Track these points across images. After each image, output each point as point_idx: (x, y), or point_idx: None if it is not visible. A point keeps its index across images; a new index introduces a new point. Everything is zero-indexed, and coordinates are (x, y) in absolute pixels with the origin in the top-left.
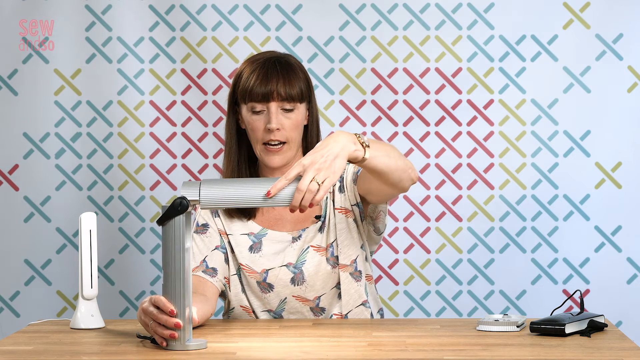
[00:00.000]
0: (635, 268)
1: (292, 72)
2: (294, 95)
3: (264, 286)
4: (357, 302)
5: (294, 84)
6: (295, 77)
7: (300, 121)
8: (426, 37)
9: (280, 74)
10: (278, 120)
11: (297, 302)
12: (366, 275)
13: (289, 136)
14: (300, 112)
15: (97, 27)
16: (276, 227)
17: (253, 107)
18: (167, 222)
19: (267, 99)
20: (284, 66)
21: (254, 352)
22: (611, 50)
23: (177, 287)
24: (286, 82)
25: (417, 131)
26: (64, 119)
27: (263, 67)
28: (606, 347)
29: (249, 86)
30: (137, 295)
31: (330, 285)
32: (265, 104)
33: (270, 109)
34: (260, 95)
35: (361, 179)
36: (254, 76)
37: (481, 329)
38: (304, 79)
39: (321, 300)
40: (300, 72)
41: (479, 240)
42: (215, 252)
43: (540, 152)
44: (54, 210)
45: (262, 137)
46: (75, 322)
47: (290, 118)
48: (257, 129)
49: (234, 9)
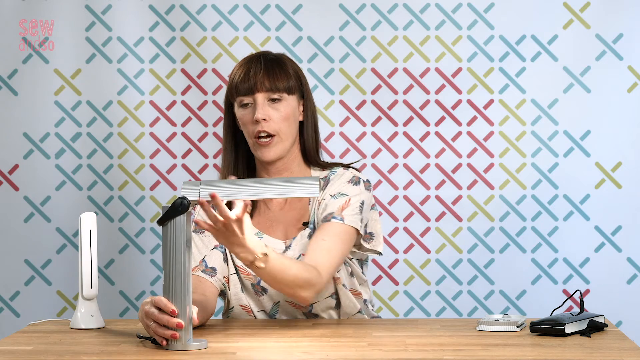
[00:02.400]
0: (635, 268)
1: (278, 66)
2: (279, 86)
3: (257, 289)
4: (353, 311)
5: (280, 76)
6: (282, 70)
7: (290, 113)
8: (426, 37)
9: (264, 67)
10: (264, 111)
11: (290, 306)
12: (351, 289)
13: (278, 128)
14: (290, 105)
15: (97, 27)
16: (270, 231)
17: (241, 102)
18: (167, 222)
19: (252, 91)
20: (270, 61)
21: (254, 352)
22: (611, 50)
23: (178, 287)
24: (270, 73)
25: (417, 131)
26: (64, 119)
27: (248, 63)
28: (606, 347)
29: (235, 83)
30: (137, 295)
31: (324, 294)
32: (252, 97)
33: (256, 101)
34: (245, 88)
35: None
36: (240, 72)
37: (481, 329)
38: (293, 73)
39: (314, 307)
40: (291, 67)
41: (479, 240)
42: (214, 252)
43: (540, 152)
44: (54, 210)
45: (252, 130)
46: (75, 322)
47: (278, 109)
48: (247, 122)
49: (234, 9)
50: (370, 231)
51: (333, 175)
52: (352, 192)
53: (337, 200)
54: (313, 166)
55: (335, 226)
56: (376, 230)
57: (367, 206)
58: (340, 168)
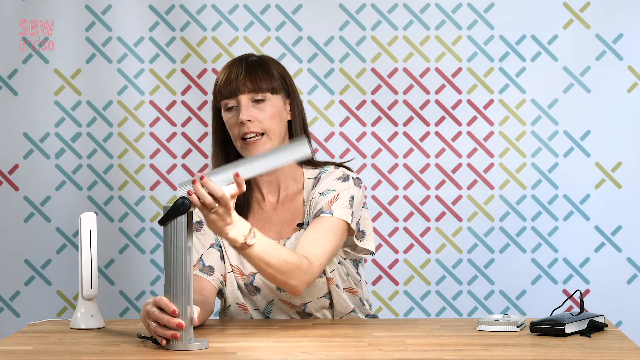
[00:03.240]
0: (635, 268)
1: (260, 67)
2: (262, 87)
3: (250, 289)
4: (347, 310)
5: (262, 77)
6: (264, 70)
7: (276, 113)
8: (426, 37)
9: (245, 69)
10: (249, 112)
11: (283, 305)
12: (346, 288)
13: (267, 127)
14: (275, 104)
15: (97, 27)
16: (264, 232)
17: (226, 105)
18: (168, 222)
19: (234, 93)
20: (251, 63)
21: (254, 352)
22: (611, 50)
23: (179, 288)
24: (252, 74)
25: (417, 131)
26: (64, 119)
27: (230, 66)
28: (606, 347)
29: (218, 87)
30: (137, 295)
31: (317, 295)
32: (235, 99)
33: (240, 102)
34: (228, 91)
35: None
36: (222, 76)
37: (481, 329)
38: (277, 74)
39: (307, 307)
40: (275, 69)
41: (479, 240)
42: (211, 250)
43: (540, 152)
44: (54, 210)
45: (238, 132)
46: (75, 322)
47: (263, 109)
48: (233, 125)
49: (234, 9)
50: (362, 229)
51: (324, 174)
52: (340, 188)
53: (326, 197)
54: (305, 165)
55: (325, 220)
56: (367, 229)
57: (358, 202)
58: (331, 167)
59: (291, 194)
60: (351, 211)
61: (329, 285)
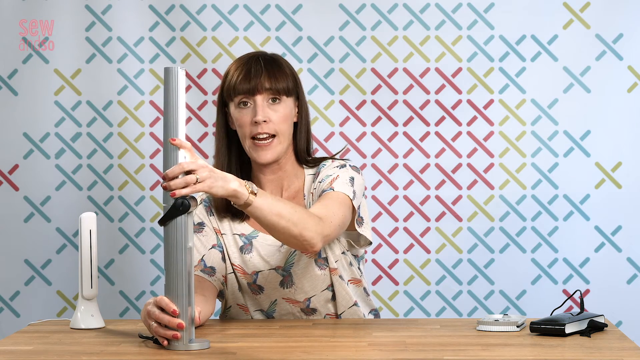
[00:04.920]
0: (635, 268)
1: (277, 67)
2: (279, 88)
3: (254, 288)
4: (349, 304)
5: (279, 78)
6: (281, 71)
7: (288, 115)
8: (426, 37)
9: (264, 68)
10: (265, 112)
11: (287, 303)
12: (350, 279)
13: (278, 129)
14: (288, 106)
15: (97, 27)
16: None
17: (239, 101)
18: (168, 222)
19: (252, 92)
20: (269, 62)
21: (254, 352)
22: (611, 50)
23: (180, 288)
24: (271, 75)
25: (417, 131)
26: (64, 119)
27: (247, 63)
28: (606, 347)
29: (234, 83)
30: (137, 295)
31: (321, 287)
32: (252, 97)
33: (256, 102)
34: (245, 89)
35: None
36: (239, 73)
37: (481, 329)
38: (290, 75)
39: (311, 301)
40: (287, 68)
41: (479, 240)
42: (212, 251)
43: (540, 152)
44: (54, 210)
45: (250, 131)
46: (75, 322)
47: (277, 110)
48: (245, 123)
49: (234, 9)
50: (362, 215)
51: (323, 168)
52: (338, 172)
53: (325, 181)
54: (305, 165)
55: (328, 194)
56: (366, 218)
57: (359, 185)
58: (328, 161)
59: (293, 191)
60: (352, 189)
61: (331, 277)
